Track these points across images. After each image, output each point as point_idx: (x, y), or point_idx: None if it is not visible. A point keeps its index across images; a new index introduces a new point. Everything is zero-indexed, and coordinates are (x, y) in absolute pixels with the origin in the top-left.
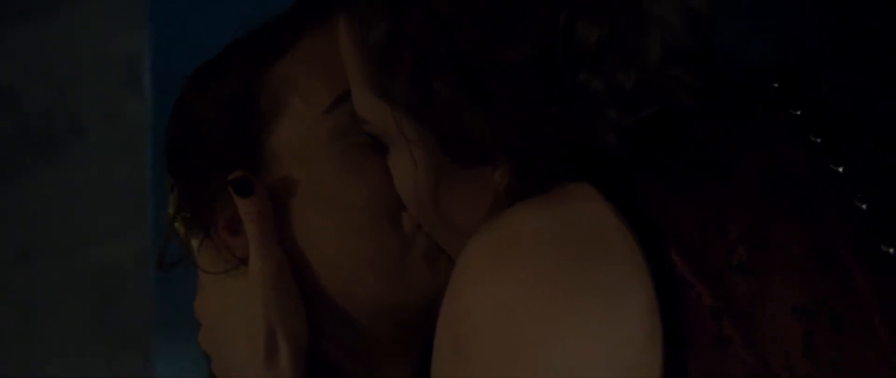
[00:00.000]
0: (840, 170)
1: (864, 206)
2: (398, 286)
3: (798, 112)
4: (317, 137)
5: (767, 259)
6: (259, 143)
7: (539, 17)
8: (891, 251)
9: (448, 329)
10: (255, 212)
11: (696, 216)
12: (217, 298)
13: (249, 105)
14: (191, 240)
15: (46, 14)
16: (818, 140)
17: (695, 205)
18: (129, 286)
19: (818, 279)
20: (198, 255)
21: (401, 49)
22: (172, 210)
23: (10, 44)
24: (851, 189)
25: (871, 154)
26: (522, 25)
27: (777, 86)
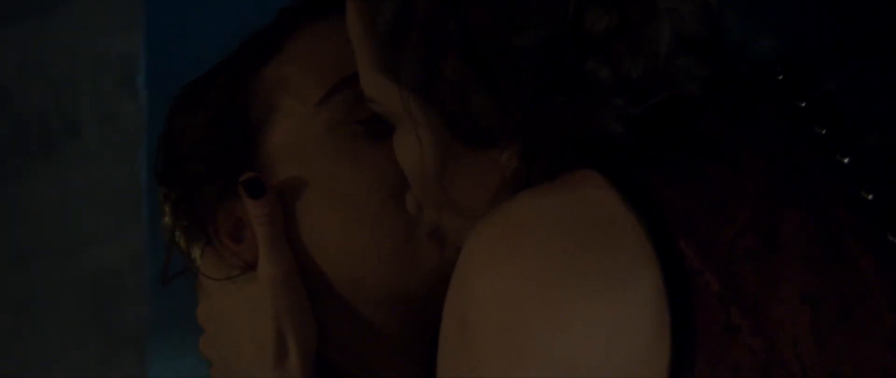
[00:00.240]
0: (845, 161)
1: (870, 197)
2: (405, 268)
3: (803, 104)
4: (312, 131)
5: (775, 247)
6: (254, 149)
7: (548, 3)
8: None
9: (454, 316)
10: (266, 214)
11: (704, 204)
12: (222, 304)
13: (241, 112)
14: (193, 248)
15: (42, 14)
16: (823, 131)
17: (702, 193)
18: (125, 287)
19: (825, 267)
20: (201, 263)
21: (409, 29)
22: (169, 220)
23: (6, 44)
24: (857, 180)
25: (877, 145)
26: (532, 10)
27: (782, 78)
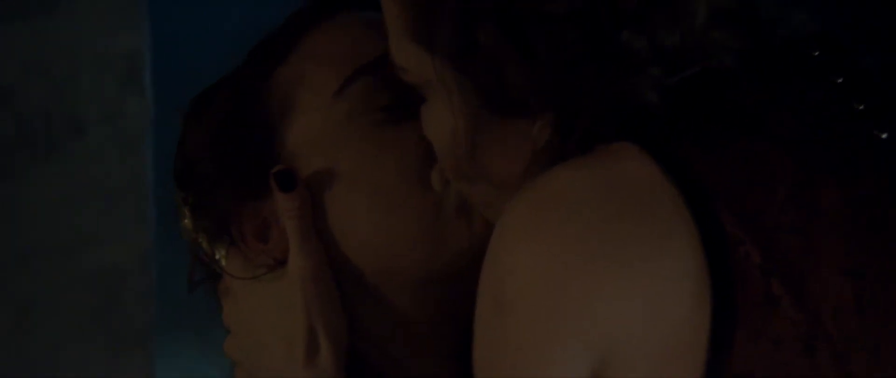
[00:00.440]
0: (884, 136)
1: None
2: (435, 249)
3: (840, 80)
4: (332, 123)
5: (816, 220)
6: (273, 149)
7: None
8: None
9: (488, 294)
10: (297, 207)
11: (742, 176)
12: (248, 304)
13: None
14: (217, 250)
15: (45, 12)
16: (861, 107)
17: (740, 165)
18: (130, 287)
19: (867, 241)
20: (226, 264)
21: None
22: (189, 222)
23: (9, 42)
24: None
25: None
26: None
27: (818, 54)
